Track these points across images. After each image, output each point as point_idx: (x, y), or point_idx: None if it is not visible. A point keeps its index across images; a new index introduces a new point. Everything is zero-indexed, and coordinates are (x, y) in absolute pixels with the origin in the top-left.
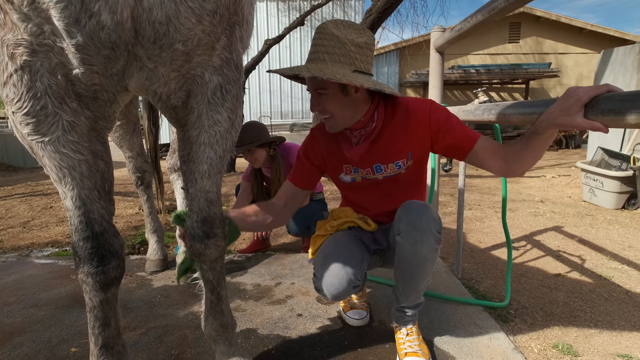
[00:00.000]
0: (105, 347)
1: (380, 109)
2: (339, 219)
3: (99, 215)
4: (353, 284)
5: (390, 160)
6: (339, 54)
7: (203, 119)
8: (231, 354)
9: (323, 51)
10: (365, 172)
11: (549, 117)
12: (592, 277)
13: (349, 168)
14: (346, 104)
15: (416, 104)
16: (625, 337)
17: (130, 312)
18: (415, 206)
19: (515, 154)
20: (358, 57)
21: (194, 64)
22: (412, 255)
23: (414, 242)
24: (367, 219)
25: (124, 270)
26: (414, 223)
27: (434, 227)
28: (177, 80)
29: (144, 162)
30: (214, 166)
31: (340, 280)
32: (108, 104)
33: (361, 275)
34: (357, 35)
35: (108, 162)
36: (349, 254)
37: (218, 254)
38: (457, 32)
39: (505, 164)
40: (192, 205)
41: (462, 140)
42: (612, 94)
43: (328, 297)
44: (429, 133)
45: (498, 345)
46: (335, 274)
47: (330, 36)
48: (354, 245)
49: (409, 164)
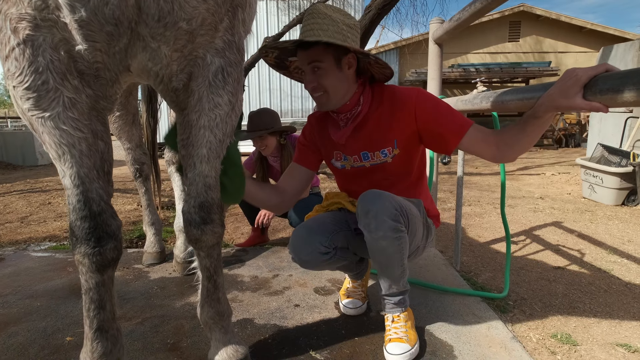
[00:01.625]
0: (100, 331)
1: (367, 93)
2: (329, 200)
3: (97, 195)
4: (318, 250)
5: (376, 147)
6: (332, 31)
7: (203, 102)
8: (227, 342)
9: (317, 28)
10: (353, 160)
11: (548, 99)
12: (591, 270)
13: (339, 155)
14: (340, 79)
15: (403, 92)
16: (625, 327)
17: (126, 303)
18: (370, 195)
19: (510, 138)
20: (349, 36)
21: (197, 45)
22: (373, 245)
23: (369, 231)
24: (355, 202)
25: (121, 252)
26: (366, 212)
27: (388, 215)
28: (179, 61)
29: (143, 154)
30: (214, 150)
31: (305, 245)
32: (110, 84)
33: (329, 244)
34: (347, 18)
35: (108, 143)
36: (318, 224)
37: (215, 240)
38: (456, 22)
39: (497, 150)
40: (189, 190)
41: (450, 130)
42: (610, 73)
43: (297, 262)
44: (415, 122)
45: (496, 334)
46: (302, 239)
47: (324, 15)
48: (330, 220)
49: (396, 153)
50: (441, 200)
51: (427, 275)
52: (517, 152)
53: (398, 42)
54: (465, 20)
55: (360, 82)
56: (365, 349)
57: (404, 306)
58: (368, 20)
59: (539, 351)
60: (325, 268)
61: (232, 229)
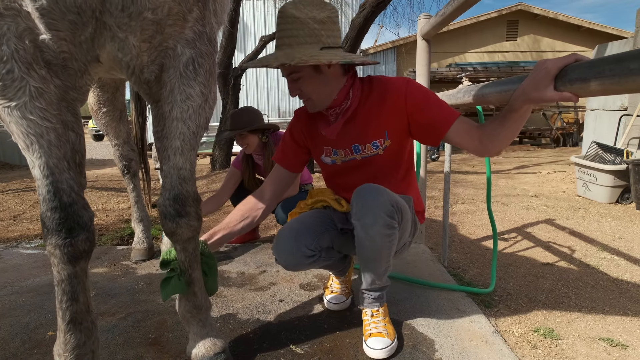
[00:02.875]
0: (73, 323)
1: (356, 87)
2: (314, 198)
3: (68, 185)
4: (304, 253)
5: (367, 140)
6: (303, 35)
7: (175, 93)
8: (204, 335)
9: (288, 35)
10: (344, 154)
11: (521, 93)
12: (579, 266)
13: (328, 150)
14: (322, 82)
15: (393, 82)
16: (609, 322)
17: (111, 299)
18: (367, 189)
19: (491, 132)
20: (323, 33)
21: (166, 36)
22: (364, 240)
23: (363, 226)
24: (341, 200)
25: (94, 244)
26: (363, 207)
27: (384, 211)
28: (150, 52)
29: (131, 151)
30: (187, 142)
31: (290, 249)
32: (79, 74)
33: (314, 247)
34: (318, 12)
35: (79, 134)
36: (304, 226)
37: (190, 234)
38: (441, 17)
39: (480, 144)
40: (164, 183)
41: (438, 121)
42: (579, 62)
43: (281, 264)
44: (405, 112)
45: (478, 329)
46: (286, 242)
47: (292, 19)
48: (315, 220)
49: (387, 144)
50: (435, 198)
51: (414, 271)
52: (499, 146)
53: (395, 42)
54: (450, 14)
55: (349, 75)
56: (346, 343)
57: (382, 301)
58: (362, 18)
59: (521, 345)
60: (309, 269)
61: None
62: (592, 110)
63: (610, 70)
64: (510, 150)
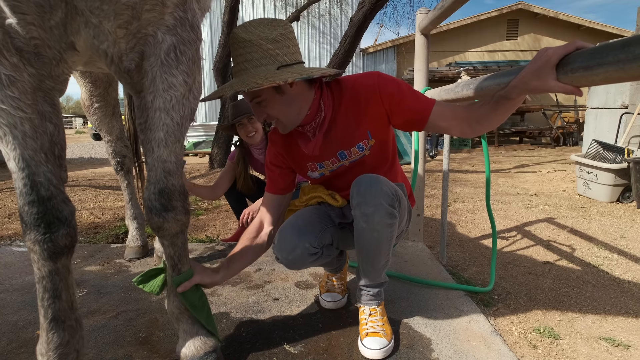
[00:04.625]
0: (56, 321)
1: (326, 96)
2: (307, 195)
3: (46, 179)
4: (308, 251)
5: (351, 144)
6: (257, 58)
7: (157, 83)
8: (194, 333)
9: (242, 60)
10: (331, 164)
11: (521, 81)
12: (580, 265)
13: (313, 165)
14: (286, 101)
15: (363, 80)
16: (610, 322)
17: (103, 297)
18: (366, 179)
19: (481, 115)
20: (279, 52)
21: (144, 22)
22: (365, 230)
23: (364, 216)
24: (335, 195)
25: (76, 239)
26: (364, 196)
27: (385, 200)
28: (127, 39)
29: (124, 147)
30: (171, 134)
31: (294, 246)
32: (54, 63)
33: (318, 244)
34: (269, 31)
35: (58, 125)
36: (305, 223)
37: (178, 228)
38: (440, 10)
39: (468, 127)
40: (149, 176)
41: (418, 109)
42: (581, 50)
43: (283, 263)
44: (383, 108)
45: (477, 328)
46: (289, 240)
47: (243, 43)
48: (315, 217)
49: (372, 144)
50: (434, 197)
51: (411, 270)
52: (486, 129)
53: (395, 41)
54: (449, 7)
55: (316, 86)
56: (340, 342)
57: (380, 299)
58: (362, 16)
59: (520, 345)
60: (310, 267)
61: (221, 224)
62: (593, 108)
63: (615, 57)
64: (510, 150)
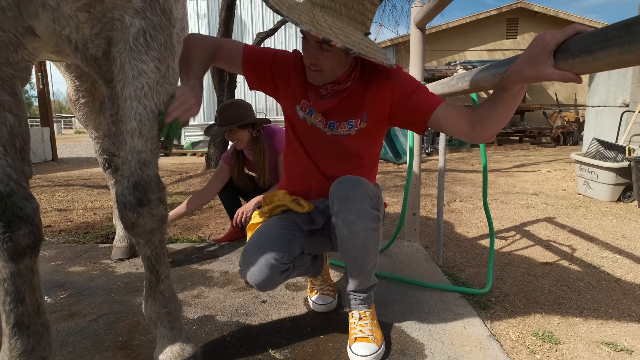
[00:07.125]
0: (19, 326)
1: (357, 69)
2: (271, 204)
3: (4, 173)
4: (278, 269)
5: (344, 118)
6: (356, 10)
7: (126, 70)
8: (173, 339)
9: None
10: (318, 121)
11: (516, 70)
12: (581, 266)
13: (306, 105)
14: (341, 62)
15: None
16: (612, 325)
17: (85, 299)
18: (348, 182)
19: (481, 115)
20: (369, 16)
21: (109, 5)
22: (349, 236)
23: (348, 222)
24: (300, 200)
25: (40, 238)
26: (345, 201)
27: (369, 204)
28: (92, 24)
29: (112, 144)
30: (145, 122)
31: (261, 267)
32: (11, 48)
33: (287, 259)
34: None
35: (19, 116)
36: (270, 239)
37: (155, 224)
38: (435, 2)
39: (471, 128)
40: (122, 170)
41: (423, 105)
42: (582, 34)
43: (254, 287)
44: (390, 97)
45: (472, 332)
46: (255, 262)
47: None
48: (280, 229)
49: (362, 127)
50: (432, 196)
51: (406, 271)
52: (490, 130)
53: (394, 40)
54: None
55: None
56: (329, 348)
57: (370, 302)
58: None
59: (518, 350)
60: (283, 283)
61: (215, 224)
62: (593, 107)
63: (620, 38)
64: (510, 149)
